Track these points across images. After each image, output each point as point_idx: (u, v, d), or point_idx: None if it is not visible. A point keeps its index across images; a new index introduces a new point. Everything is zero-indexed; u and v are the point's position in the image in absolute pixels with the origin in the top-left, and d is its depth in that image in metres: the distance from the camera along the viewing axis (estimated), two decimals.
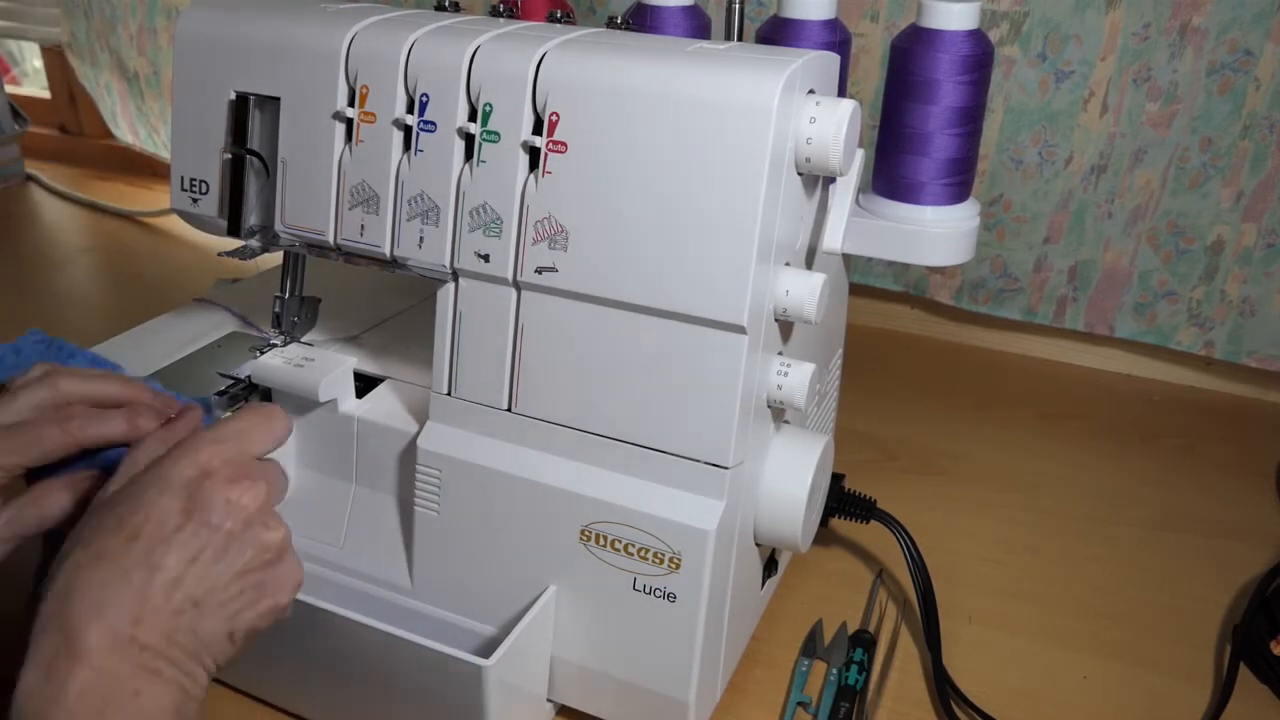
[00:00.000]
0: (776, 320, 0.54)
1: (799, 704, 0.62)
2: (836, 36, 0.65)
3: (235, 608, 0.44)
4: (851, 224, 0.64)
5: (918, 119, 0.64)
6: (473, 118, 0.53)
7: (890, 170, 0.66)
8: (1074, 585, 0.73)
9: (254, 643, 0.46)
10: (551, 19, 0.60)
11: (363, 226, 0.57)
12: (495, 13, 0.62)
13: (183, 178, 0.62)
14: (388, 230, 0.56)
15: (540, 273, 0.53)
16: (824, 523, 0.68)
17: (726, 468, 0.52)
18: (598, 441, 0.54)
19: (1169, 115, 0.87)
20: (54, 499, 0.53)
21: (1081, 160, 0.91)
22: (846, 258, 0.68)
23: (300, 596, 0.54)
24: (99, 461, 0.55)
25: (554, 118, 0.51)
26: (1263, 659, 0.65)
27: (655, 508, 0.53)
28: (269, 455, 0.48)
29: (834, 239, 0.62)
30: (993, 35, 0.88)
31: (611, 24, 0.61)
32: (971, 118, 0.64)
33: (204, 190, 0.62)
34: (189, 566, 0.42)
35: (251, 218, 0.60)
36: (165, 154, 1.40)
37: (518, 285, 0.54)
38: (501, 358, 0.55)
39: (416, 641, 0.51)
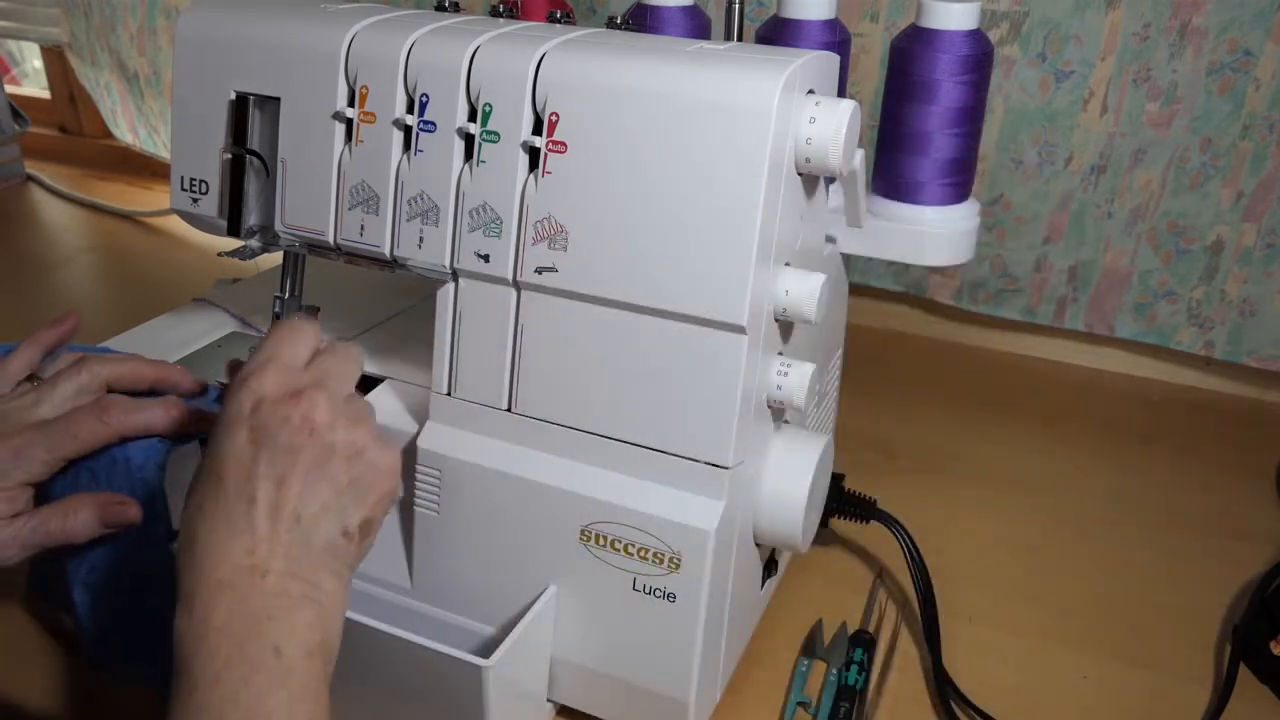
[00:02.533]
0: (776, 320, 0.54)
1: (799, 704, 0.62)
2: (836, 36, 0.65)
3: (339, 507, 0.45)
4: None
5: (918, 119, 0.64)
6: (472, 118, 0.53)
7: (890, 170, 0.66)
8: (1074, 585, 0.73)
9: (374, 533, 0.47)
10: (551, 19, 0.60)
11: (363, 226, 0.57)
12: (495, 13, 0.62)
13: (183, 178, 0.62)
14: (388, 230, 0.56)
15: (540, 273, 0.53)
16: (824, 523, 0.68)
17: (726, 468, 0.52)
18: (598, 441, 0.54)
19: (1169, 115, 0.87)
20: (81, 516, 0.54)
21: (1081, 160, 0.91)
22: (846, 258, 0.68)
23: None
24: (125, 454, 0.55)
25: (554, 118, 0.51)
26: (1263, 659, 0.65)
27: (655, 508, 0.53)
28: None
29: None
30: (993, 35, 0.88)
31: (611, 24, 0.61)
32: (971, 118, 0.64)
33: (204, 190, 0.62)
34: (277, 489, 0.44)
35: (251, 218, 0.60)
36: (165, 154, 1.40)
37: (518, 285, 0.54)
38: (501, 358, 0.55)
39: (416, 641, 0.51)
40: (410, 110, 0.54)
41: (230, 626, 0.41)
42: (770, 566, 0.66)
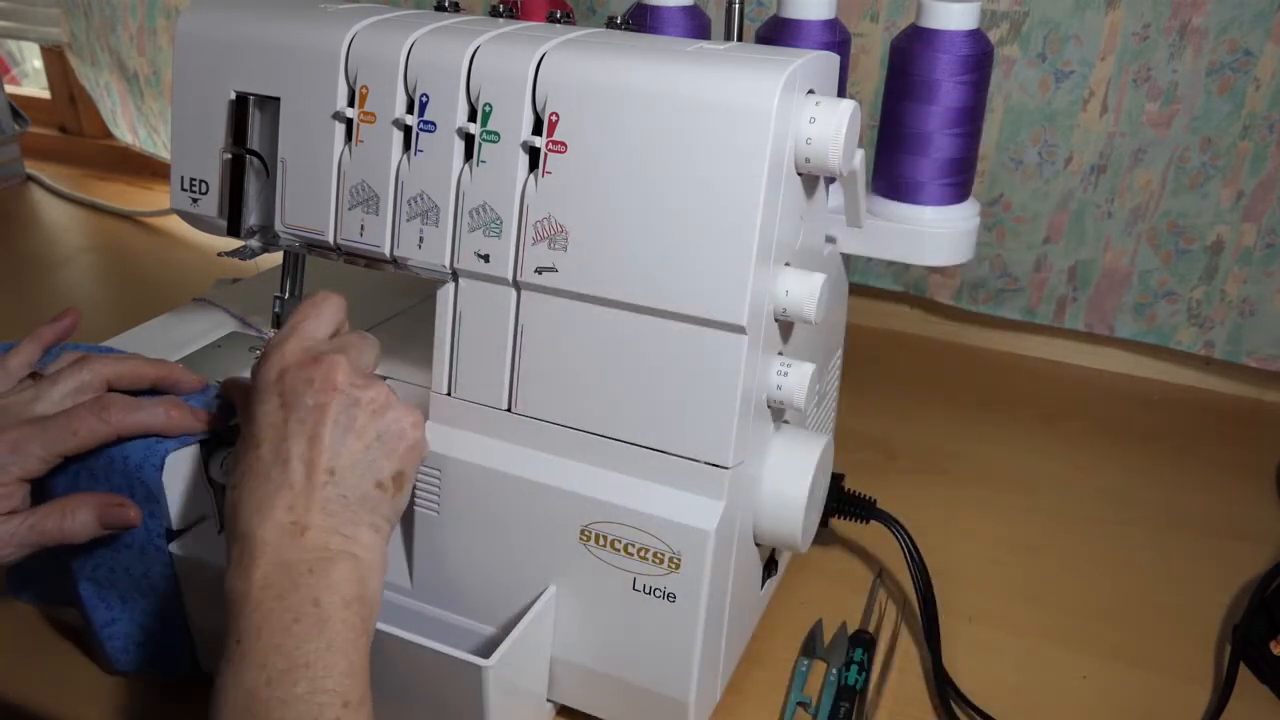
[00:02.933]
0: (776, 320, 0.54)
1: (799, 704, 0.62)
2: (836, 36, 0.65)
3: (369, 460, 0.48)
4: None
5: (918, 119, 0.64)
6: (472, 118, 0.53)
7: (890, 170, 0.66)
8: (1074, 585, 0.73)
9: (407, 485, 0.50)
10: (551, 19, 0.60)
11: (363, 226, 0.57)
12: (495, 13, 0.62)
13: (183, 178, 0.62)
14: (388, 230, 0.56)
15: (540, 273, 0.53)
16: (824, 523, 0.68)
17: (726, 468, 0.52)
18: (598, 441, 0.54)
19: (1169, 115, 0.87)
20: (80, 516, 0.54)
21: (1081, 160, 0.91)
22: (846, 258, 0.68)
23: None
24: (123, 453, 0.55)
25: (554, 118, 0.51)
26: (1263, 659, 0.65)
27: (655, 508, 0.53)
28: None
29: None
30: (993, 35, 0.88)
31: (611, 24, 0.61)
32: (971, 118, 0.64)
33: (204, 190, 0.62)
34: (309, 446, 0.47)
35: (251, 218, 0.60)
36: (165, 154, 1.40)
37: (518, 285, 0.54)
38: (501, 358, 0.55)
39: (416, 641, 0.51)
40: (410, 110, 0.54)
41: (272, 582, 0.44)
42: (770, 566, 0.66)
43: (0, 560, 0.53)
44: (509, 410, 0.56)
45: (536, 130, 0.52)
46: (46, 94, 1.56)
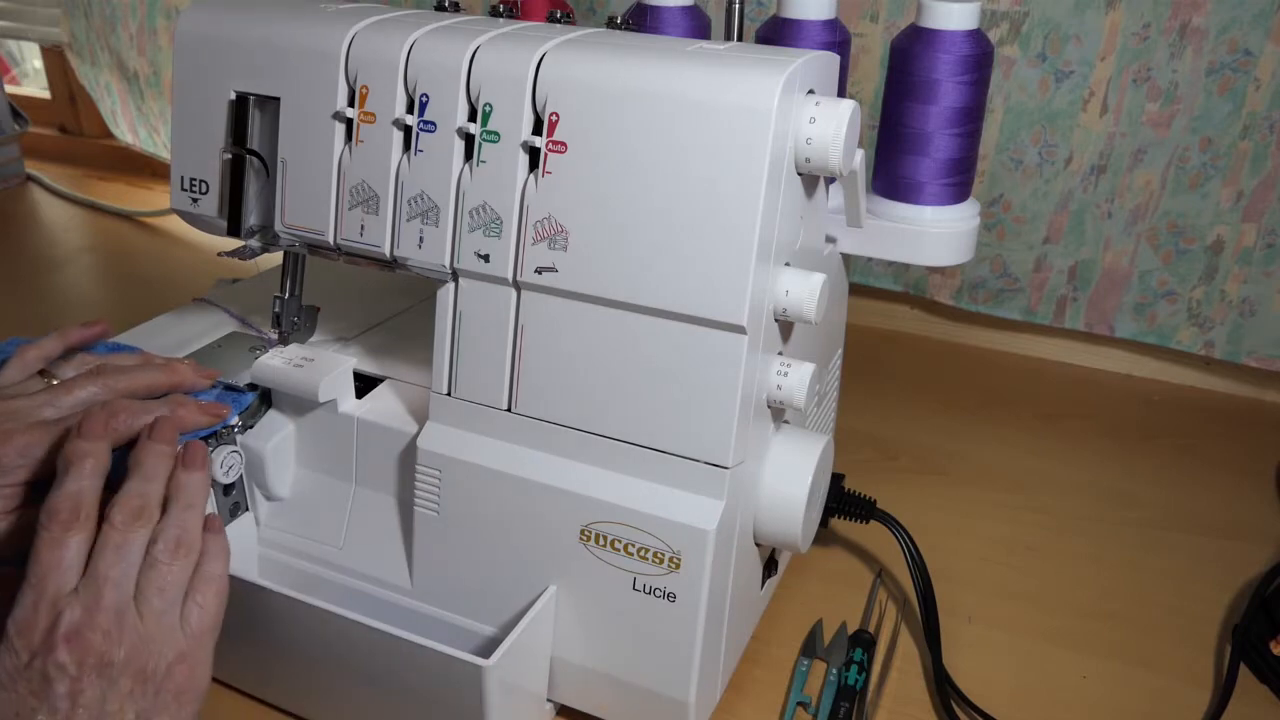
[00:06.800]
0: (776, 320, 0.54)
1: (799, 704, 0.62)
2: (836, 36, 0.65)
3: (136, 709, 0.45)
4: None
5: (918, 119, 0.64)
6: (472, 118, 0.53)
7: (890, 170, 0.67)
8: (1074, 585, 0.73)
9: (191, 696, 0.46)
10: (551, 19, 0.60)
11: (363, 226, 0.57)
12: (495, 13, 0.62)
13: (183, 178, 0.62)
14: (388, 230, 0.56)
15: (540, 273, 0.53)
16: (824, 523, 0.68)
17: (726, 468, 0.52)
18: (598, 441, 0.54)
19: (1169, 115, 0.87)
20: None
21: (1081, 160, 0.91)
22: (846, 258, 0.68)
23: (301, 596, 0.54)
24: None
25: (554, 118, 0.51)
26: (1263, 659, 0.65)
27: (655, 508, 0.53)
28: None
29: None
30: (993, 35, 0.88)
31: (611, 24, 0.61)
32: (971, 118, 0.64)
33: (204, 190, 0.62)
34: None
35: (251, 218, 0.60)
36: (165, 154, 1.40)
37: (518, 285, 0.54)
38: (501, 358, 0.55)
39: (416, 641, 0.51)
40: (410, 110, 0.54)
41: None
42: (770, 566, 0.66)
43: None
44: (509, 410, 0.56)
45: (536, 130, 0.52)
46: (46, 94, 1.56)
